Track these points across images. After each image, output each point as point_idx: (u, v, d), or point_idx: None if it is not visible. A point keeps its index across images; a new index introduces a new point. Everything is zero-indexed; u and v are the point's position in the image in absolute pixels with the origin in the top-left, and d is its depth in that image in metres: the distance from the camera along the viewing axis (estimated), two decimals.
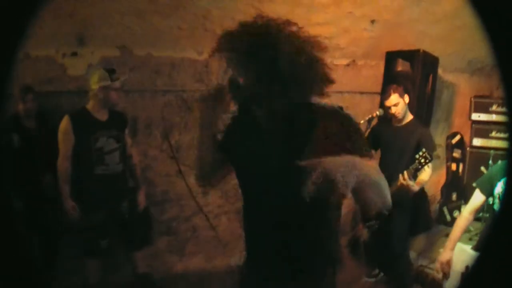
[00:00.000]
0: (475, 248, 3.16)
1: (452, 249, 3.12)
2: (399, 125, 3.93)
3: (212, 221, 4.52)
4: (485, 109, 5.21)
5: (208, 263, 4.49)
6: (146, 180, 4.25)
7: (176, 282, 4.29)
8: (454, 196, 5.22)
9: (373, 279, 4.46)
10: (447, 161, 5.29)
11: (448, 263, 3.12)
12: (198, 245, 4.53)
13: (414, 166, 3.54)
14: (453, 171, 5.30)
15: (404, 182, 3.57)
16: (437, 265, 3.19)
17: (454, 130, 5.45)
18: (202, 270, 4.44)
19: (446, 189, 5.27)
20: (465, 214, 3.15)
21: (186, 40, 4.18)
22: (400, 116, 3.86)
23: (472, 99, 5.25)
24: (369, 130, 4.03)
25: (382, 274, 4.45)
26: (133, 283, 4.09)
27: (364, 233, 4.58)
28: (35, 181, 3.82)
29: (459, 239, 3.16)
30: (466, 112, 5.30)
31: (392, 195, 3.74)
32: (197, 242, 4.53)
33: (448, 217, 5.12)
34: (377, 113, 4.00)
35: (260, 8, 3.96)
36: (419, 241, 4.73)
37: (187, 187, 4.32)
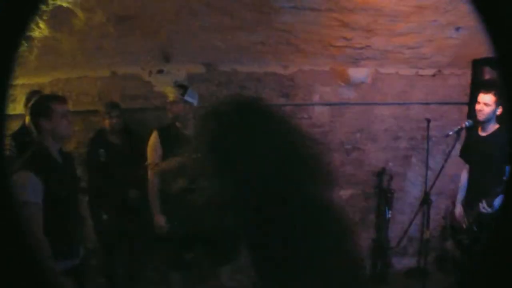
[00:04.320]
0: None
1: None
2: (484, 134, 3.82)
3: None
4: None
5: None
6: None
7: None
8: None
9: None
10: None
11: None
12: None
13: (500, 189, 3.44)
14: None
15: (484, 211, 3.57)
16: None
17: None
18: None
19: None
20: None
21: (270, 56, 4.24)
22: (484, 117, 3.75)
23: None
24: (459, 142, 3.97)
25: None
26: None
27: (453, 249, 4.48)
28: (120, 195, 3.94)
29: None
30: None
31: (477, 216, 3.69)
32: None
33: None
34: (466, 123, 3.92)
35: (343, 20, 4.01)
36: None
37: None
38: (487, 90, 3.76)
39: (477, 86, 4.46)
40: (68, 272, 2.75)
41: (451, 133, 3.98)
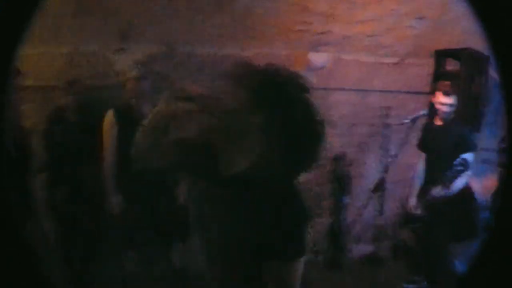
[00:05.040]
0: None
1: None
2: (440, 124, 3.90)
3: None
4: None
5: None
6: None
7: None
8: None
9: (412, 286, 4.39)
10: (498, 166, 5.14)
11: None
12: None
13: (451, 173, 3.58)
14: None
15: (437, 196, 3.70)
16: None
17: (505, 133, 5.29)
18: None
19: (497, 195, 5.11)
20: None
21: (228, 38, 4.30)
22: (446, 116, 3.83)
23: None
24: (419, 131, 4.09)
25: (424, 282, 4.37)
26: (169, 278, 4.19)
27: (407, 237, 4.58)
28: (76, 174, 3.98)
29: None
30: None
31: (433, 201, 3.80)
32: None
33: None
34: (422, 112, 4.00)
35: (302, 4, 4.07)
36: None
37: None
38: (447, 92, 3.83)
39: (438, 77, 4.52)
40: None
41: (406, 121, 4.06)
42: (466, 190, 4.53)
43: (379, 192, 4.22)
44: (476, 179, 5.28)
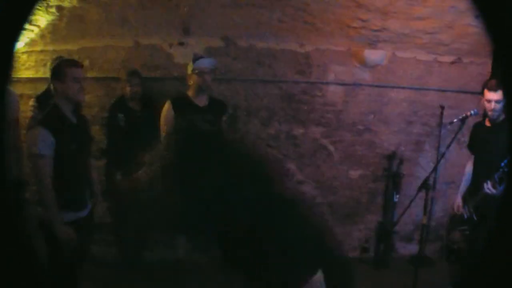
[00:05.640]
0: None
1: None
2: (489, 125, 3.82)
3: None
4: None
5: None
6: None
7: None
8: None
9: None
10: None
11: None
12: None
13: (499, 175, 3.46)
14: None
15: (489, 192, 3.53)
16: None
17: None
18: None
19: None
20: None
21: (287, 33, 4.36)
22: (495, 115, 3.75)
23: None
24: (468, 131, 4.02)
25: None
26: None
27: (457, 239, 4.50)
28: (135, 159, 4.13)
29: None
30: None
31: (479, 203, 3.71)
32: None
33: None
34: (471, 112, 3.93)
35: (359, 1, 4.08)
36: None
37: None
38: (494, 88, 3.75)
39: (496, 77, 4.43)
40: (74, 224, 3.01)
41: (455, 120, 4.01)
42: None
43: (426, 191, 4.18)
44: None
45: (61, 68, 2.97)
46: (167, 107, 3.95)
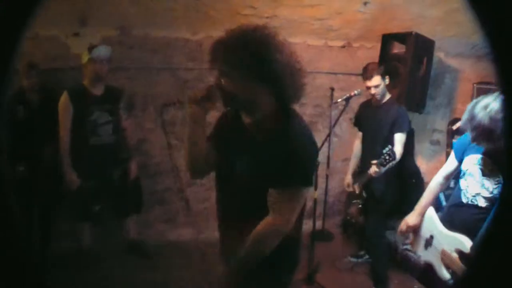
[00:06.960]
0: None
1: (421, 214, 3.04)
2: (377, 105, 4.08)
3: (204, 194, 4.82)
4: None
5: (199, 235, 4.80)
6: (142, 152, 4.64)
7: (167, 250, 4.60)
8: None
9: (355, 260, 4.65)
10: (447, 147, 5.34)
11: (414, 227, 3.05)
12: (190, 217, 4.86)
13: (379, 161, 3.67)
14: None
15: (374, 174, 3.77)
16: (401, 226, 3.12)
17: (456, 116, 5.48)
18: (193, 241, 4.75)
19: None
20: (438, 177, 3.10)
21: (180, 21, 4.51)
22: (378, 97, 4.02)
23: (475, 85, 5.26)
24: (354, 111, 4.26)
25: (366, 256, 4.62)
26: (125, 249, 4.46)
27: (355, 213, 4.79)
28: (36, 152, 4.24)
29: (430, 204, 3.08)
30: (469, 98, 5.32)
31: (367, 182, 3.96)
32: (189, 213, 4.85)
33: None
34: (355, 92, 4.19)
35: None
36: None
37: (171, 162, 4.64)
38: (368, 75, 4.01)
39: (383, 60, 4.72)
40: None
41: (339, 100, 4.27)
42: (414, 169, 4.77)
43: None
44: (425, 158, 5.53)
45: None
46: (64, 98, 4.06)
